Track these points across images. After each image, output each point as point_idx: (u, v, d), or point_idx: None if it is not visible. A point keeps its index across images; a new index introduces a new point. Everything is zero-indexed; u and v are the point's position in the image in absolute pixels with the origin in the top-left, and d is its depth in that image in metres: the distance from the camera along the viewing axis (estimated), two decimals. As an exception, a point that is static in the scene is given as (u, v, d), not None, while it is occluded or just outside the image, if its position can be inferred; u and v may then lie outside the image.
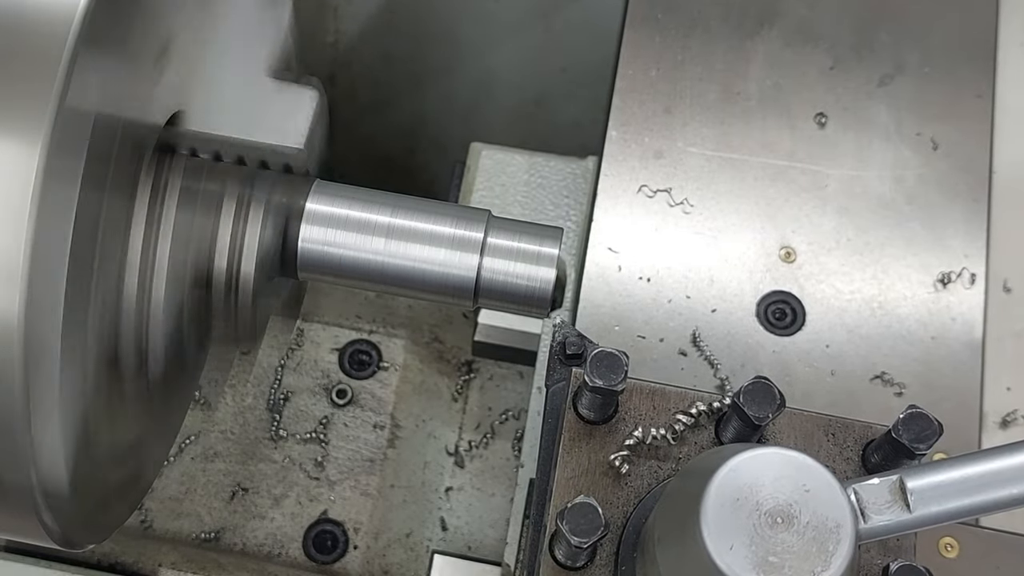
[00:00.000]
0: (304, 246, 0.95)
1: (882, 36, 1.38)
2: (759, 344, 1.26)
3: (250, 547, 1.36)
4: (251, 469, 1.39)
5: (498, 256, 0.95)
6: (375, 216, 0.95)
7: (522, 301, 0.96)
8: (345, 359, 1.45)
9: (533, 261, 0.95)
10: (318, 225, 0.95)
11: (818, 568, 0.68)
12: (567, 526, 0.77)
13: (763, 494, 0.70)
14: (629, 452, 0.85)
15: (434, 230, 0.95)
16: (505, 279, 0.95)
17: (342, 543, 1.37)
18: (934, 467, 0.71)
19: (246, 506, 1.38)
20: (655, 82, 1.37)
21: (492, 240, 0.95)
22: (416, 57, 1.97)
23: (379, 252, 0.95)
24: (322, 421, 1.41)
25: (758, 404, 0.80)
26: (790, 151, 1.33)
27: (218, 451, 1.40)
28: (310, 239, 0.95)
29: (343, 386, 1.43)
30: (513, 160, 1.47)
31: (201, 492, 1.39)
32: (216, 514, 1.37)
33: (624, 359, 0.81)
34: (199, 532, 1.36)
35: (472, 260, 0.94)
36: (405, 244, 0.95)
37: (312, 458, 1.39)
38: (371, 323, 1.46)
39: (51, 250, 0.70)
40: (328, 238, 0.95)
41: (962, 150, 1.33)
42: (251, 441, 1.40)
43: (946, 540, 0.99)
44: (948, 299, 1.27)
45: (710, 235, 1.30)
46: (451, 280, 0.95)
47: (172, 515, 1.38)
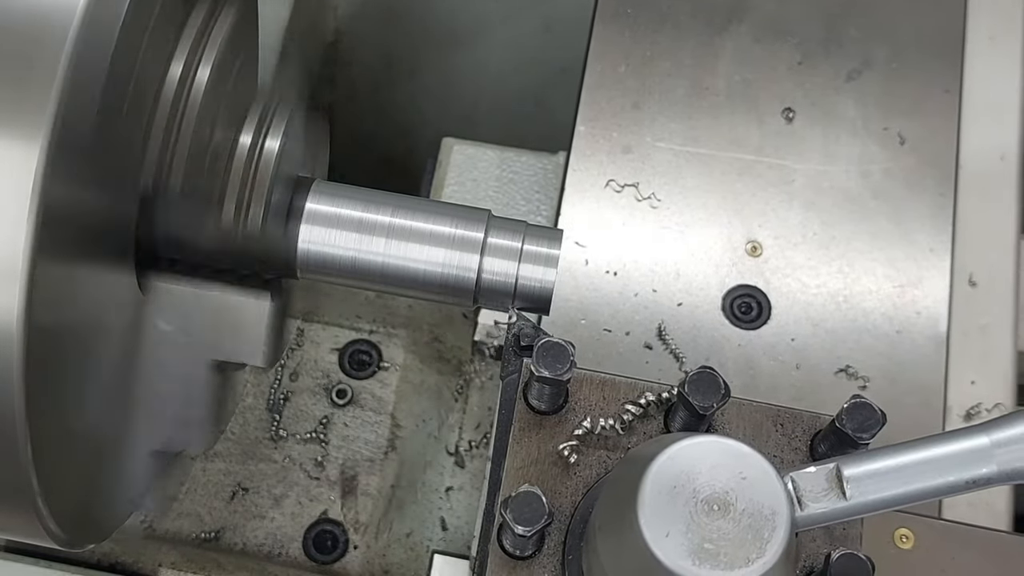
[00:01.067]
0: (304, 246, 0.95)
1: (851, 31, 1.39)
2: (725, 338, 1.26)
3: (250, 547, 1.36)
4: (251, 469, 1.39)
5: (498, 256, 0.95)
6: (375, 216, 0.95)
7: (523, 302, 0.96)
8: (345, 359, 1.45)
9: (534, 261, 0.95)
10: (318, 225, 0.95)
11: (753, 555, 0.69)
12: (511, 515, 0.77)
13: (700, 482, 0.70)
14: (578, 442, 0.85)
15: (434, 230, 0.95)
16: (506, 279, 0.95)
17: (342, 543, 1.37)
18: (871, 455, 0.71)
19: (246, 506, 1.38)
20: (624, 78, 1.38)
21: (492, 240, 0.95)
22: (416, 57, 1.98)
23: (379, 252, 0.95)
24: (322, 421, 1.41)
25: (703, 394, 0.80)
26: (757, 146, 1.34)
27: (218, 451, 1.40)
28: (310, 239, 0.95)
29: (343, 386, 1.43)
30: (484, 155, 1.47)
31: (201, 492, 1.38)
32: (216, 514, 1.37)
33: (570, 349, 0.82)
34: (199, 532, 1.36)
35: (472, 260, 0.94)
36: (405, 244, 0.94)
37: (312, 458, 1.39)
38: (371, 323, 1.46)
39: (51, 249, 0.70)
40: (328, 238, 0.95)
41: (929, 145, 1.34)
42: (251, 441, 1.40)
43: (901, 531, 1.00)
44: (913, 293, 1.28)
45: (677, 229, 1.31)
46: (451, 280, 0.95)
47: (172, 515, 1.38)
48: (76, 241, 0.76)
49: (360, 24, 1.89)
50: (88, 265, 0.79)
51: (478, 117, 2.06)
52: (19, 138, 0.68)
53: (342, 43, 1.90)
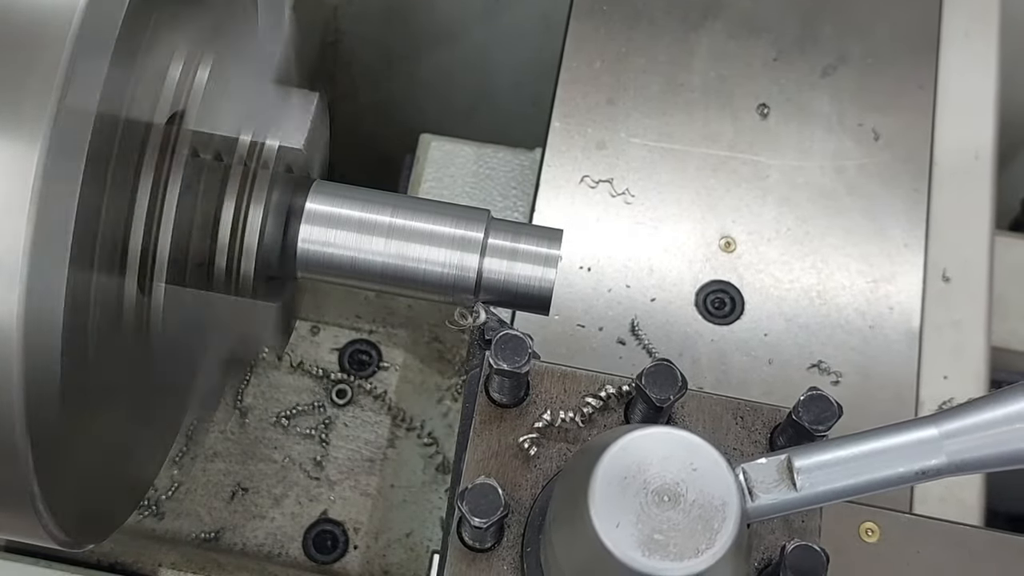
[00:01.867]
0: (304, 246, 0.95)
1: (826, 28, 1.39)
2: (697, 333, 1.27)
3: (250, 547, 1.36)
4: (251, 469, 1.39)
5: (499, 256, 0.95)
6: (375, 216, 0.95)
7: (523, 301, 0.97)
8: (345, 359, 1.45)
9: (534, 261, 0.95)
10: (318, 225, 0.95)
11: (703, 545, 0.69)
12: (467, 507, 0.78)
13: (651, 473, 0.70)
14: (539, 435, 0.85)
15: (434, 230, 0.95)
16: (506, 279, 0.95)
17: (342, 543, 1.37)
18: (822, 446, 0.71)
19: (246, 506, 1.38)
20: (599, 74, 1.38)
21: (492, 240, 0.95)
22: (416, 57, 1.98)
23: (379, 252, 0.95)
24: (323, 421, 1.41)
25: (660, 386, 0.81)
26: (732, 142, 1.34)
27: (218, 451, 1.40)
28: (310, 239, 0.95)
29: (343, 386, 1.43)
30: (462, 151, 1.47)
31: (201, 492, 1.38)
32: (216, 514, 1.37)
33: (528, 342, 0.82)
34: (199, 532, 1.36)
35: (473, 260, 0.94)
36: (405, 244, 0.95)
37: (312, 458, 1.39)
38: (371, 323, 1.46)
39: (51, 250, 0.70)
40: (328, 238, 0.95)
41: (903, 140, 1.34)
42: (251, 441, 1.40)
43: (867, 525, 1.00)
44: (886, 289, 1.28)
45: (651, 225, 1.31)
46: (451, 280, 0.95)
47: (172, 515, 1.38)
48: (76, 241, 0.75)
49: (360, 24, 1.89)
50: (88, 264, 0.79)
51: (479, 117, 2.06)
52: (19, 138, 0.68)
53: (342, 43, 1.90)
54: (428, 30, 1.95)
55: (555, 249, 0.95)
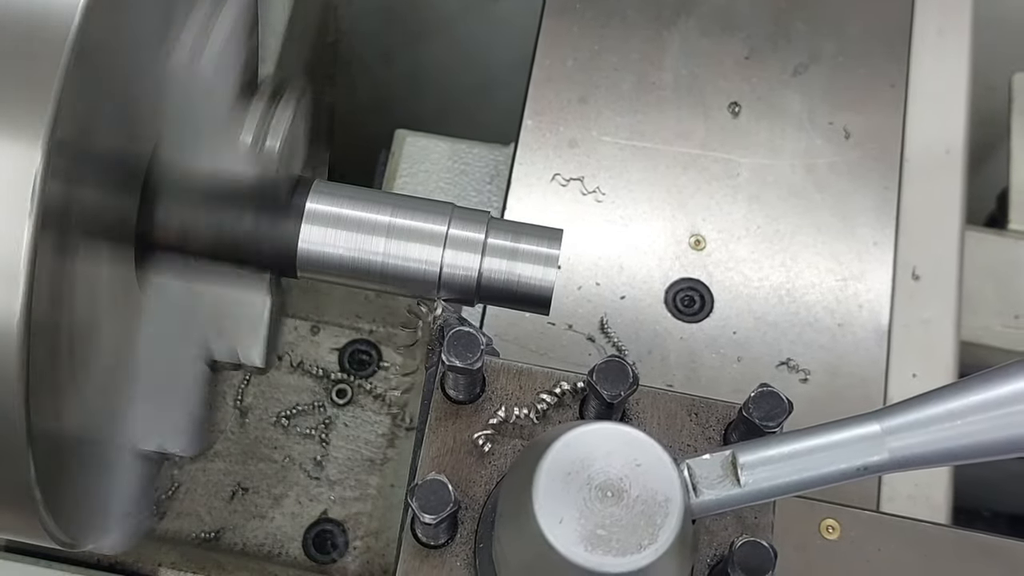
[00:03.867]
0: (304, 246, 0.95)
1: (798, 25, 1.39)
2: (667, 331, 1.27)
3: (250, 547, 1.36)
4: (251, 469, 1.39)
5: (499, 256, 0.95)
6: (375, 216, 0.95)
7: (523, 301, 0.97)
8: (345, 359, 1.45)
9: (534, 261, 0.95)
10: (318, 225, 0.95)
11: (645, 541, 0.69)
12: (417, 503, 0.78)
13: (594, 468, 0.71)
14: (493, 431, 0.86)
15: (435, 230, 0.95)
16: (507, 279, 0.95)
17: (342, 543, 1.37)
18: (766, 442, 0.71)
19: (246, 506, 1.37)
20: (571, 72, 1.38)
21: (492, 240, 0.95)
22: (416, 57, 1.98)
23: (379, 252, 0.95)
24: (323, 421, 1.41)
25: (611, 382, 0.81)
26: (703, 140, 1.34)
27: (218, 451, 1.39)
28: (310, 239, 0.95)
29: (343, 386, 1.43)
30: (436, 147, 1.48)
31: (201, 492, 1.38)
32: (216, 514, 1.36)
33: (481, 339, 0.82)
34: (199, 532, 1.36)
35: (473, 260, 0.95)
36: (405, 244, 0.95)
37: (312, 458, 1.39)
38: (371, 323, 1.46)
39: (51, 249, 0.70)
40: (328, 238, 0.95)
41: (874, 138, 1.34)
42: (251, 441, 1.40)
43: (828, 522, 1.00)
44: (856, 287, 1.28)
45: (621, 223, 1.31)
46: (452, 280, 0.95)
47: (172, 515, 1.38)
48: (77, 238, 0.75)
49: (360, 24, 1.89)
50: (89, 262, 0.79)
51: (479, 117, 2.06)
52: (19, 137, 0.67)
53: (342, 43, 1.90)
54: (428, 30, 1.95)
55: (555, 249, 0.96)
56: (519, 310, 0.99)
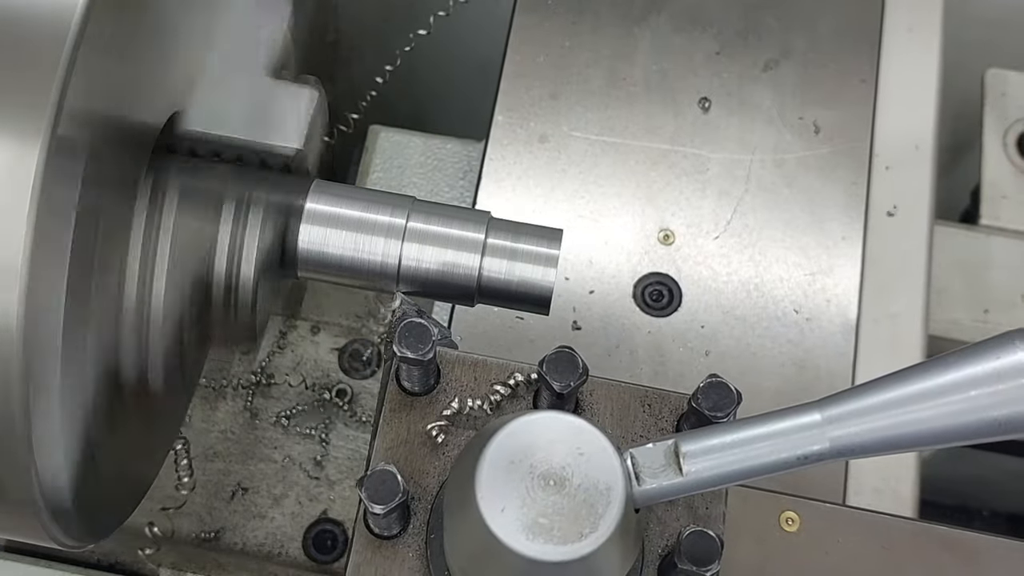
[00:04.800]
0: (304, 246, 0.95)
1: (769, 21, 1.40)
2: (635, 325, 1.27)
3: (250, 547, 1.36)
4: (251, 469, 1.39)
5: (499, 256, 0.95)
6: (375, 216, 0.96)
7: (523, 301, 0.97)
8: (345, 359, 1.45)
9: (534, 261, 0.96)
10: (318, 225, 0.96)
11: (586, 529, 0.69)
12: (366, 493, 0.78)
13: (537, 457, 0.71)
14: (447, 422, 0.86)
15: (435, 230, 0.96)
16: (507, 279, 0.96)
17: (342, 543, 1.38)
18: (709, 432, 0.72)
19: (246, 506, 1.38)
20: (543, 68, 1.38)
21: (493, 241, 0.95)
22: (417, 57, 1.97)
23: (379, 252, 0.95)
24: (323, 421, 1.42)
25: (560, 373, 0.81)
26: (673, 135, 1.35)
27: (218, 451, 1.40)
28: (310, 239, 0.95)
29: (343, 386, 1.43)
30: (410, 142, 1.48)
31: (201, 492, 1.39)
32: (216, 514, 1.37)
33: (433, 330, 0.82)
34: (199, 532, 1.36)
35: (473, 260, 0.95)
36: (406, 244, 0.95)
37: (312, 458, 1.40)
38: (371, 323, 1.46)
39: (51, 250, 0.70)
40: (328, 238, 0.95)
41: (843, 134, 1.35)
42: (251, 441, 1.41)
43: (787, 514, 1.00)
44: (824, 281, 1.28)
45: (591, 218, 1.31)
46: (452, 280, 0.95)
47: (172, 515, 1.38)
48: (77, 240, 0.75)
49: (360, 24, 1.89)
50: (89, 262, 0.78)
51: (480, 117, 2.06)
52: (19, 137, 0.67)
53: (342, 43, 1.90)
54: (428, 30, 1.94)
55: (555, 249, 0.96)
56: (519, 310, 1.00)
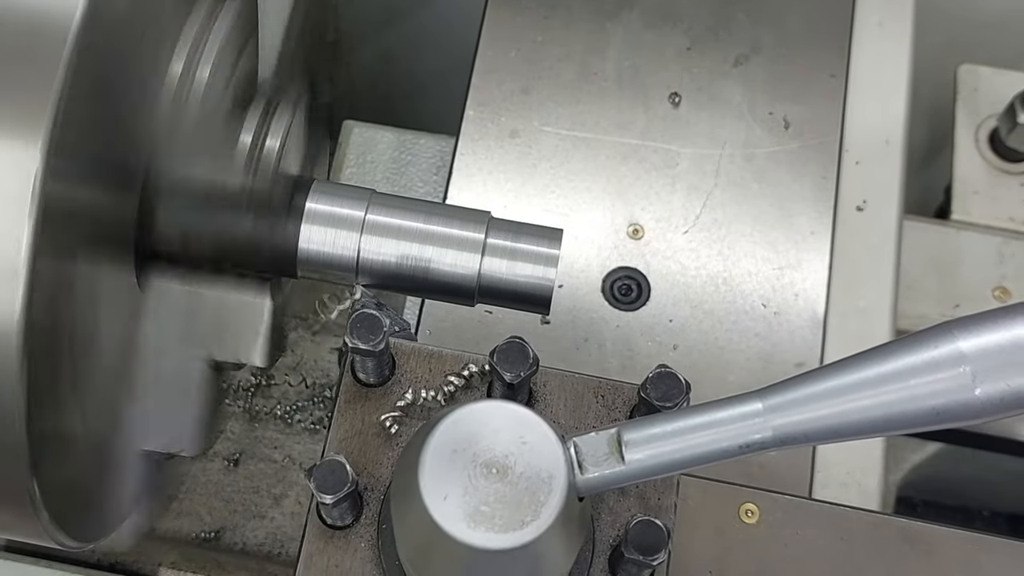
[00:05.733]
0: (304, 246, 0.95)
1: (740, 17, 1.40)
2: (603, 319, 1.27)
3: (250, 547, 1.36)
4: (251, 469, 1.40)
5: (499, 256, 0.95)
6: (375, 216, 0.96)
7: (523, 301, 0.97)
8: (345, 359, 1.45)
9: (534, 261, 0.96)
10: (318, 225, 0.96)
11: (528, 517, 0.69)
12: (315, 483, 0.78)
13: (480, 446, 0.71)
14: (401, 413, 0.86)
15: (435, 230, 0.96)
16: (507, 279, 0.96)
17: None
18: (652, 420, 0.72)
19: (246, 506, 1.38)
20: (514, 62, 1.39)
21: (493, 240, 0.95)
22: (416, 57, 1.98)
23: (379, 252, 0.95)
24: (323, 421, 1.42)
25: (511, 364, 0.81)
26: (643, 130, 1.35)
27: (218, 451, 1.40)
28: (310, 239, 0.96)
29: None
30: (383, 137, 1.48)
31: (201, 492, 1.38)
32: (216, 514, 1.37)
33: (384, 321, 0.83)
34: (199, 532, 1.36)
35: (473, 260, 0.95)
36: (406, 244, 0.95)
37: (312, 457, 1.40)
38: None
39: (52, 248, 0.70)
40: (328, 238, 0.96)
41: (813, 128, 1.35)
42: (251, 441, 1.41)
43: (747, 506, 1.01)
44: (792, 276, 1.29)
45: (560, 213, 1.32)
46: (452, 280, 0.96)
47: (172, 515, 1.38)
48: (76, 240, 0.76)
49: (360, 24, 1.89)
50: (88, 264, 0.79)
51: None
52: (19, 138, 0.68)
53: (342, 43, 1.91)
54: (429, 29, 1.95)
55: (555, 249, 0.96)
56: (519, 310, 1.00)
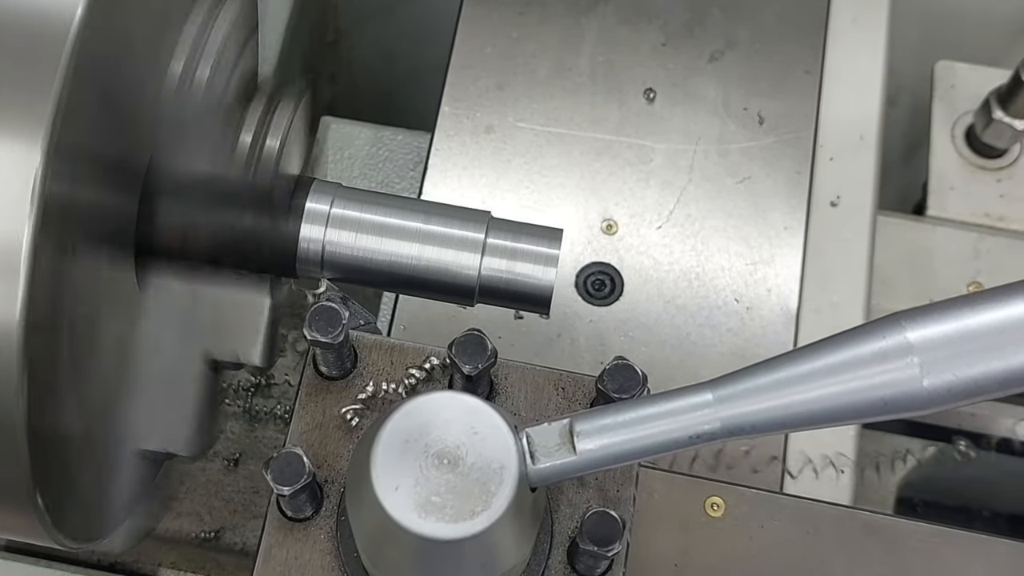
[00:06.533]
0: (304, 246, 0.96)
1: (715, 12, 1.40)
2: (576, 314, 1.28)
3: (250, 547, 1.36)
4: (251, 469, 1.40)
5: (499, 256, 0.96)
6: (375, 216, 0.96)
7: (523, 301, 0.97)
8: None
9: (534, 261, 0.96)
10: (318, 225, 0.96)
11: (478, 508, 0.70)
12: (271, 475, 0.79)
13: (432, 436, 0.71)
14: (362, 406, 0.87)
15: (435, 230, 0.96)
16: (507, 278, 0.96)
17: None
18: (603, 411, 0.72)
19: (246, 506, 1.38)
20: (490, 58, 1.39)
21: (492, 240, 0.96)
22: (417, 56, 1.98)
23: (379, 251, 0.95)
24: None
25: (469, 356, 0.82)
26: (617, 126, 1.35)
27: (218, 451, 1.40)
28: (310, 239, 0.96)
29: None
30: (360, 133, 1.49)
31: (201, 492, 1.38)
32: (216, 514, 1.37)
33: (343, 314, 0.83)
34: (199, 532, 1.36)
35: (473, 260, 0.95)
36: (406, 244, 0.95)
37: None
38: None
39: (52, 247, 0.71)
40: (328, 238, 0.96)
41: (788, 124, 1.35)
42: (251, 441, 1.41)
43: (713, 499, 1.01)
44: (765, 271, 1.29)
45: (535, 208, 1.32)
46: (452, 280, 0.96)
47: (172, 515, 1.38)
48: (76, 239, 0.76)
49: (360, 24, 1.90)
50: (88, 263, 0.79)
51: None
52: (20, 138, 0.68)
53: (342, 43, 1.91)
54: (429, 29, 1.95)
55: (555, 249, 0.96)
56: (519, 310, 1.00)
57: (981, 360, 0.67)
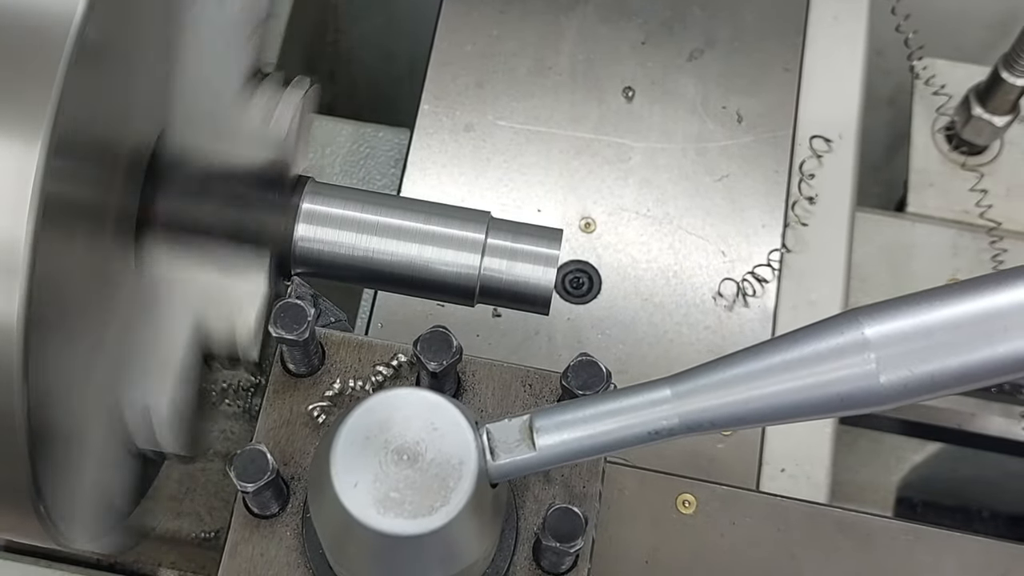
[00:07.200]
0: (300, 245, 0.95)
1: (695, 11, 1.40)
2: (554, 311, 1.26)
3: None
4: None
5: (499, 256, 0.96)
6: (372, 216, 0.96)
7: (523, 301, 0.97)
8: None
9: (534, 261, 0.96)
10: (314, 224, 0.96)
11: (437, 503, 0.70)
12: (234, 472, 0.79)
13: (392, 432, 0.72)
14: (329, 403, 0.87)
15: (435, 230, 0.96)
16: (507, 279, 0.96)
17: None
18: (563, 407, 0.72)
19: None
20: (470, 57, 1.39)
21: (493, 241, 0.95)
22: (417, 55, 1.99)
23: (376, 251, 0.95)
24: None
25: (434, 352, 0.82)
26: (596, 124, 1.35)
27: (217, 451, 1.40)
28: (306, 238, 0.95)
29: None
30: (341, 130, 1.48)
31: (201, 492, 1.38)
32: (216, 514, 1.36)
33: (309, 311, 0.83)
34: (199, 532, 1.36)
35: (473, 260, 0.95)
36: (405, 244, 0.95)
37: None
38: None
39: (52, 247, 0.70)
40: (326, 237, 0.96)
41: (766, 122, 1.35)
42: (250, 440, 1.41)
43: (684, 496, 1.01)
44: (742, 268, 1.29)
45: (514, 207, 1.32)
46: (452, 280, 0.96)
47: (172, 515, 1.38)
48: (76, 235, 0.76)
49: (360, 23, 1.90)
50: (88, 257, 0.79)
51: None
52: (19, 133, 0.68)
53: (342, 43, 1.91)
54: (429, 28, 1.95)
55: (555, 249, 0.96)
56: (518, 310, 1.00)
57: (937, 356, 0.67)
